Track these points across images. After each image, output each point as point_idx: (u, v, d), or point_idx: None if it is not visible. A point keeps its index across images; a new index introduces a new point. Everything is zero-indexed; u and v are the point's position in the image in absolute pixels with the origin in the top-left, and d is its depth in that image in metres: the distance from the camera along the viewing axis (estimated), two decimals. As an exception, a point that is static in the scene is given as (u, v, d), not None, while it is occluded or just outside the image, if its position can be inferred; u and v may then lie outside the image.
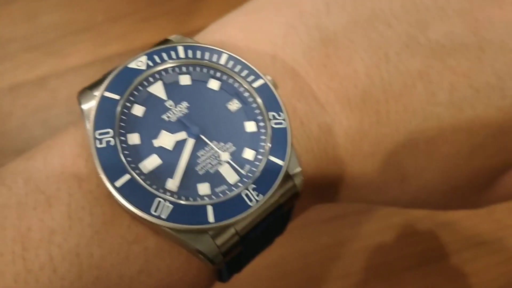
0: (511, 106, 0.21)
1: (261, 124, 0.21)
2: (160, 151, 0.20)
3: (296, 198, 0.21)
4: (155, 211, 0.18)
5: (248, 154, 0.21)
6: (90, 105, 0.20)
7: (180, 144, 0.20)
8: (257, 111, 0.21)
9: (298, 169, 0.20)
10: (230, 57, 0.22)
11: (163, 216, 0.18)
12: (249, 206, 0.19)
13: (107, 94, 0.20)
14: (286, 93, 0.22)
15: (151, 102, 0.21)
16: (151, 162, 0.20)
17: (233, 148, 0.20)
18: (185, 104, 0.21)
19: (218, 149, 0.20)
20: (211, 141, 0.20)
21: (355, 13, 0.22)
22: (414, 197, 0.24)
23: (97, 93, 0.20)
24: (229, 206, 0.19)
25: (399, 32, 0.22)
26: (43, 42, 0.44)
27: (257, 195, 0.19)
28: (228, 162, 0.20)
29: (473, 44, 0.21)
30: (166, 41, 0.22)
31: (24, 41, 0.44)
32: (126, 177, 0.19)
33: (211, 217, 0.19)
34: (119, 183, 0.18)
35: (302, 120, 0.22)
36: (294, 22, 0.23)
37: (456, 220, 0.37)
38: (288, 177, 0.20)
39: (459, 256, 0.36)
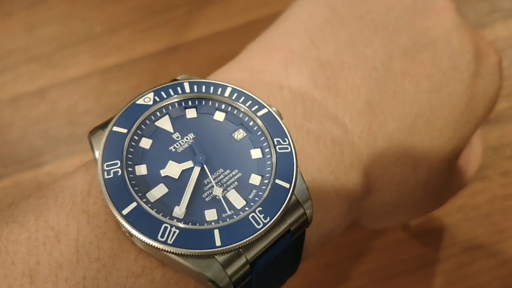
0: (467, 78, 0.27)
1: (266, 150, 0.22)
2: (167, 180, 0.20)
3: (306, 225, 0.21)
4: (161, 237, 0.18)
5: (255, 179, 0.21)
6: (99, 141, 0.21)
7: (186, 173, 0.21)
8: (262, 138, 0.22)
9: (307, 196, 0.21)
10: (234, 90, 0.23)
11: (169, 242, 0.18)
12: (257, 229, 0.19)
13: (115, 128, 0.21)
14: (297, 117, 0.24)
15: (159, 135, 0.22)
16: (158, 191, 0.20)
17: (239, 175, 0.21)
18: (191, 135, 0.22)
19: (216, 183, 0.21)
20: (217, 169, 0.21)
21: (338, 42, 0.26)
22: (425, 182, 0.27)
23: (106, 129, 0.21)
24: (236, 230, 0.19)
25: (375, 48, 0.27)
26: (43, 54, 0.44)
27: (265, 218, 0.20)
28: (234, 189, 0.21)
29: (427, 43, 0.27)
30: (174, 80, 0.23)
31: (24, 53, 0.44)
32: (133, 204, 0.19)
33: (218, 241, 0.19)
34: (126, 211, 0.19)
35: (317, 139, 0.24)
36: (290, 59, 0.26)
37: (453, 224, 0.37)
38: (298, 204, 0.21)
39: (456, 259, 0.36)
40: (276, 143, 0.21)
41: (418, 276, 0.36)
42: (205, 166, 0.21)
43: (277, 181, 0.21)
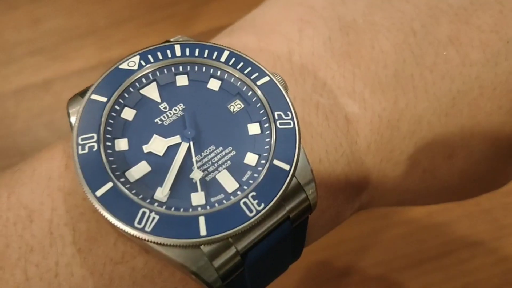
0: None
1: (266, 125, 0.19)
2: (150, 157, 0.18)
3: (308, 212, 0.18)
4: (138, 223, 0.16)
5: (250, 159, 0.18)
6: (76, 110, 0.18)
7: (172, 149, 0.18)
8: (262, 111, 0.19)
9: (310, 178, 0.18)
10: (232, 54, 0.20)
11: (147, 229, 0.16)
12: (248, 218, 0.17)
13: (94, 96, 0.18)
14: (306, 89, 0.21)
15: (144, 105, 0.19)
16: (139, 170, 0.18)
17: (233, 153, 0.18)
18: (181, 106, 0.19)
19: (203, 164, 0.18)
20: (208, 146, 0.18)
21: None
22: (462, 171, 0.23)
23: (84, 97, 0.18)
24: (225, 217, 0.17)
25: (418, 5, 0.21)
26: (47, 46, 0.44)
27: (258, 205, 0.17)
28: (226, 169, 0.18)
29: (491, 1, 0.22)
30: (166, 42, 0.20)
31: (29, 45, 0.44)
32: (109, 185, 0.17)
33: (203, 230, 0.16)
34: (100, 192, 0.17)
35: (327, 115, 0.20)
36: (308, 17, 0.22)
37: (454, 220, 0.37)
38: (299, 187, 0.18)
39: (456, 255, 0.36)
40: (277, 117, 0.19)
41: (419, 271, 0.36)
42: (193, 142, 0.18)
43: (276, 161, 0.18)
